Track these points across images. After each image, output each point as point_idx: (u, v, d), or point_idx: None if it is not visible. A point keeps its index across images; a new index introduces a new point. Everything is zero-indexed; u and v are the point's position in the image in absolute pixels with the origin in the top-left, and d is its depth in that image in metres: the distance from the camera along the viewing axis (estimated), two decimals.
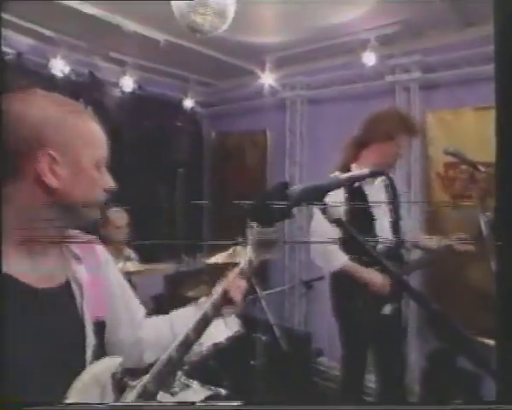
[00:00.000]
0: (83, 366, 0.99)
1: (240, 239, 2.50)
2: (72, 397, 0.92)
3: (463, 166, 2.95)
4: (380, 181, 2.43)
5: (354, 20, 3.10)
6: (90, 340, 1.03)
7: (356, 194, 2.27)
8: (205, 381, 2.22)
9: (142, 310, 1.27)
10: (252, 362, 2.78)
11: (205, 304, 1.18)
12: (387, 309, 2.28)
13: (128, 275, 2.36)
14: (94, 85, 3.71)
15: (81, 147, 0.97)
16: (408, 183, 3.45)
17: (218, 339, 2.22)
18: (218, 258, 2.52)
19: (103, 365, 1.02)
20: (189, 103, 4.62)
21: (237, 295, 1.18)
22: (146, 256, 3.04)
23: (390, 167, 2.40)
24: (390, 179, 2.48)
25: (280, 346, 2.49)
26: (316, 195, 0.79)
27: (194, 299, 1.29)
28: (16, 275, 0.93)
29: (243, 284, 1.20)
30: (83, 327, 1.02)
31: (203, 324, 1.15)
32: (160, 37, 3.25)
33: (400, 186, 2.62)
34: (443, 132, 3.32)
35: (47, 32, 3.19)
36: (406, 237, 2.48)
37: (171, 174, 4.67)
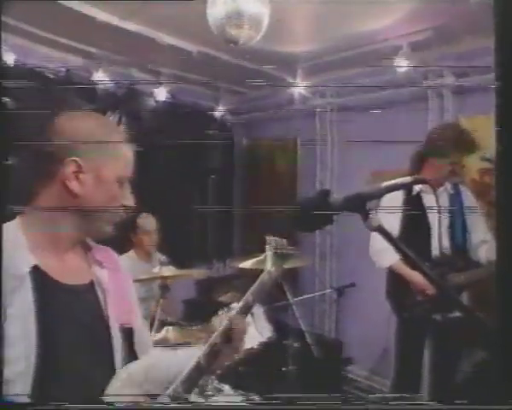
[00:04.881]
0: (112, 365, 1.04)
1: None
2: (110, 396, 0.97)
3: None
4: (442, 190, 2.45)
5: (387, 26, 3.07)
6: (118, 342, 1.07)
7: (413, 201, 2.35)
8: (236, 386, 2.23)
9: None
10: (283, 368, 2.78)
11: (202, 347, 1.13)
12: (439, 315, 2.30)
13: (164, 280, 2.43)
14: (130, 96, 3.84)
15: (106, 161, 1.04)
16: None
17: (250, 345, 2.24)
18: (248, 264, 2.55)
19: (138, 365, 1.06)
20: (220, 111, 4.69)
21: (238, 341, 1.16)
22: (177, 261, 3.10)
23: (443, 182, 2.43)
24: (457, 189, 2.48)
25: (311, 353, 2.49)
26: (358, 203, 0.80)
27: (226, 304, 1.30)
28: (45, 269, 1.00)
29: (243, 326, 1.17)
30: (108, 327, 1.06)
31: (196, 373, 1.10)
32: (193, 48, 3.32)
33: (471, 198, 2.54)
34: (477, 138, 3.25)
35: (92, 49, 3.39)
36: (476, 250, 2.44)
37: (203, 181, 4.75)
